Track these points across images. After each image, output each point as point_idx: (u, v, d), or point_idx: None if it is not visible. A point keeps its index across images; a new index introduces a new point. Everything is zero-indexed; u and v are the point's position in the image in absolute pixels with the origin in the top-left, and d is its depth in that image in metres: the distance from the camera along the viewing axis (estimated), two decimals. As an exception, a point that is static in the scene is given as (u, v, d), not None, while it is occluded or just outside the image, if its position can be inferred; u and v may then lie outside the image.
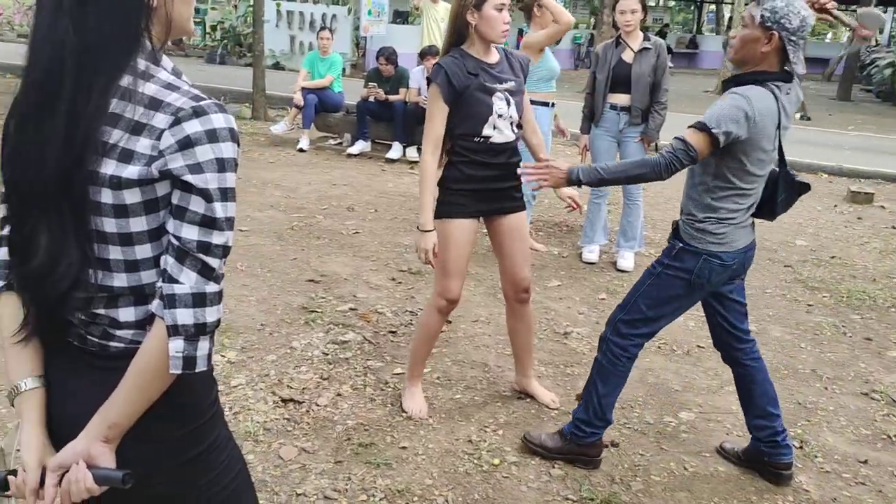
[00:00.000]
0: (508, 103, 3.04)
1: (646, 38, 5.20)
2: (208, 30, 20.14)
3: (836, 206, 7.90)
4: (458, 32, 3.02)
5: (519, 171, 2.95)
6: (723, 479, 2.95)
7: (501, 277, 3.34)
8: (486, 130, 3.01)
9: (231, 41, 18.79)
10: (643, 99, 5.15)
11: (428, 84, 3.02)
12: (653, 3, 32.36)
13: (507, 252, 3.24)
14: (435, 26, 11.29)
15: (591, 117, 5.44)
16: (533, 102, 5.30)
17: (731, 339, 2.95)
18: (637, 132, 5.24)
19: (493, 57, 3.07)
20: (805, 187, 2.80)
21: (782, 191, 2.72)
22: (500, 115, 3.02)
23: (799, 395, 3.67)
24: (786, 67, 2.59)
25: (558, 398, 3.46)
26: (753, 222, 2.78)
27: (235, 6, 19.49)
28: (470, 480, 2.83)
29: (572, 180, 2.67)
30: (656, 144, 5.44)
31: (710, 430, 3.30)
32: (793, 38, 2.53)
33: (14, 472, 1.26)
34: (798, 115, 14.97)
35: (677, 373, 3.84)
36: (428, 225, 3.02)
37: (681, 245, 2.72)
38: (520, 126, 3.17)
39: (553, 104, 5.42)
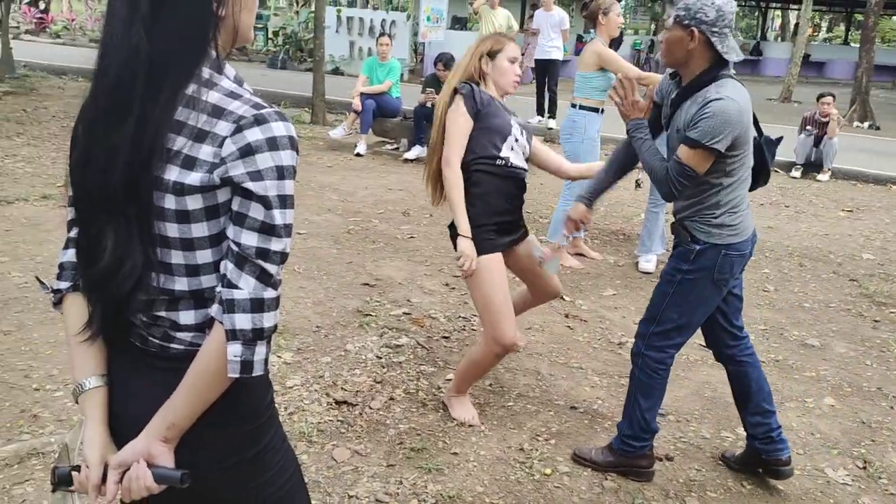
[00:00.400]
0: (521, 132, 3.12)
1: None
2: (270, 35, 20.54)
3: (905, 218, 7.63)
4: (470, 76, 3.12)
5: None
6: (782, 499, 2.87)
7: (536, 296, 3.40)
8: (506, 151, 3.03)
9: (292, 46, 19.12)
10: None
11: (453, 96, 3.05)
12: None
13: (536, 274, 3.27)
14: (493, 31, 11.28)
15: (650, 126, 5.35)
16: (583, 108, 5.28)
17: (726, 337, 2.92)
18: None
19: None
20: (778, 140, 2.91)
21: (769, 151, 2.81)
22: (516, 139, 3.08)
23: (863, 414, 3.55)
24: (724, 56, 2.59)
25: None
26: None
27: (297, 12, 19.84)
28: (521, 489, 2.81)
29: (632, 128, 2.81)
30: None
31: (769, 446, 3.22)
32: (714, 29, 2.55)
33: (77, 468, 1.29)
34: (866, 125, 14.53)
35: (735, 387, 3.75)
36: (469, 231, 2.99)
37: (698, 247, 2.71)
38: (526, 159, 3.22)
39: (603, 110, 5.34)
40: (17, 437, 2.88)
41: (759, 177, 2.84)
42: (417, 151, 8.85)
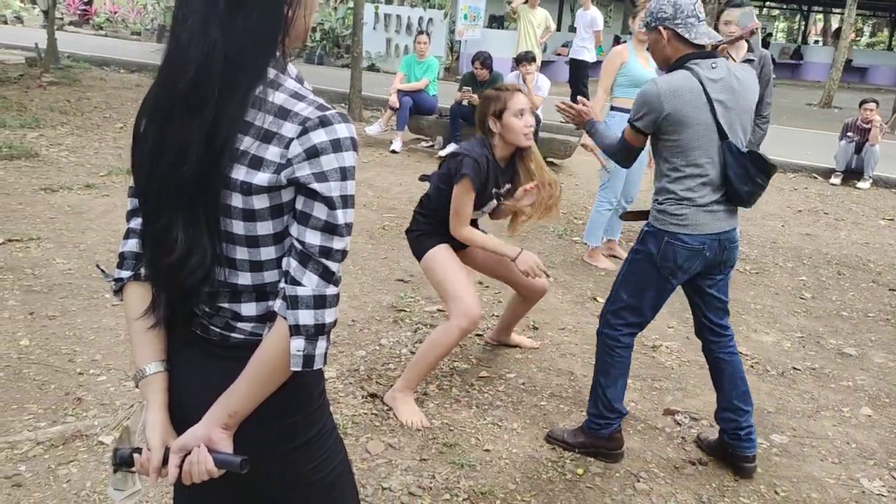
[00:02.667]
0: (497, 201, 3.37)
1: (749, 49, 5.06)
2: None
3: (948, 228, 7.49)
4: (484, 132, 3.29)
5: (556, 105, 3.20)
6: (816, 507, 2.85)
7: (525, 297, 3.68)
8: (475, 214, 3.34)
9: (329, 42, 19.25)
10: (745, 112, 5.01)
11: (459, 176, 3.15)
12: (756, 12, 31.37)
13: (513, 271, 3.46)
14: (532, 31, 11.28)
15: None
16: (613, 108, 5.27)
17: (707, 333, 3.01)
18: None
19: (507, 160, 3.35)
20: (757, 157, 2.74)
21: (731, 162, 2.72)
22: (484, 212, 3.41)
23: (901, 426, 3.51)
24: (695, 42, 2.72)
25: (536, 343, 3.99)
26: (732, 210, 2.83)
27: (335, 8, 19.94)
28: (553, 488, 2.83)
29: (587, 129, 3.08)
30: (771, 161, 5.28)
31: (803, 454, 3.19)
32: (676, 21, 2.72)
33: (139, 451, 1.34)
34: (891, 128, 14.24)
35: (770, 394, 3.72)
36: (513, 252, 3.23)
37: (646, 229, 2.84)
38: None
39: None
40: (62, 419, 2.96)
41: (728, 189, 2.76)
42: (452, 149, 8.86)
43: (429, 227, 3.39)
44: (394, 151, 8.98)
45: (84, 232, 5.03)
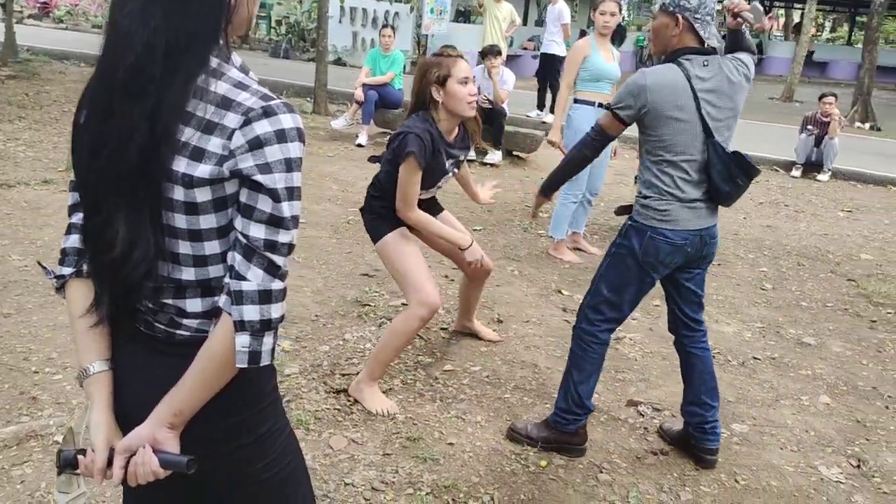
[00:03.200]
0: (451, 174, 3.36)
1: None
2: (273, 24, 20.48)
3: (904, 220, 7.65)
4: (423, 103, 3.13)
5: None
6: (775, 495, 2.89)
7: (468, 273, 3.71)
8: (425, 195, 3.30)
9: (295, 36, 19.07)
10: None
11: (404, 155, 3.03)
12: (718, 8, 31.71)
13: (459, 255, 3.48)
14: (497, 25, 11.28)
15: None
16: (577, 101, 5.29)
17: (682, 327, 3.03)
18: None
19: (453, 134, 3.25)
20: (741, 158, 2.73)
21: (715, 160, 2.71)
22: (439, 187, 3.37)
23: (858, 413, 3.57)
24: (706, 42, 2.71)
25: (499, 337, 4.02)
26: (713, 208, 2.83)
27: (301, 1, 19.76)
28: (516, 480, 2.83)
29: (542, 194, 3.16)
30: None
31: (763, 443, 3.24)
32: (697, 15, 2.68)
33: (83, 452, 1.30)
34: (867, 126, 14.53)
35: (731, 384, 3.77)
36: (465, 242, 3.33)
37: (630, 223, 2.84)
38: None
39: (599, 104, 5.27)
40: (17, 419, 2.89)
41: (710, 186, 2.76)
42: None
43: (383, 209, 3.28)
44: (360, 145, 8.93)
45: (41, 228, 4.92)
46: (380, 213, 3.31)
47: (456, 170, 3.39)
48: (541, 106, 11.64)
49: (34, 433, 2.80)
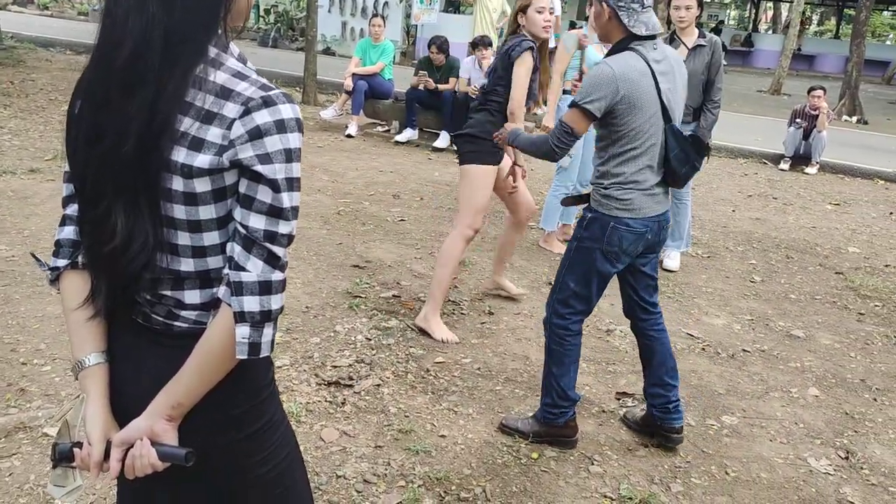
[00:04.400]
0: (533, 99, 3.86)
1: (701, 35, 5.12)
2: (262, 13, 20.34)
3: (891, 213, 7.70)
4: (514, 31, 3.82)
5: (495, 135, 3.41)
6: (765, 486, 2.90)
7: (516, 207, 4.24)
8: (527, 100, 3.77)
9: (284, 25, 18.97)
10: (695, 97, 5.06)
11: (520, 51, 3.63)
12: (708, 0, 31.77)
13: (517, 188, 4.14)
14: (487, 16, 11.26)
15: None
16: (567, 92, 5.31)
17: (639, 311, 3.06)
18: (688, 130, 5.15)
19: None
20: (697, 141, 2.81)
21: (673, 144, 2.76)
22: (531, 102, 3.83)
23: (846, 405, 3.60)
24: (631, 31, 2.70)
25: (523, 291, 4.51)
26: (667, 192, 2.88)
27: (289, -10, 19.64)
28: (508, 472, 2.83)
29: (510, 141, 3.14)
30: (707, 144, 5.35)
31: (753, 435, 3.26)
32: (621, 3, 2.69)
33: (79, 445, 1.29)
34: (855, 119, 14.61)
35: (721, 376, 3.79)
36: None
37: (590, 214, 2.84)
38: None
39: None
40: (5, 411, 2.87)
41: (666, 169, 2.81)
42: (409, 134, 8.82)
43: (486, 141, 3.65)
44: (349, 136, 8.90)
45: (28, 217, 4.87)
46: (485, 144, 3.71)
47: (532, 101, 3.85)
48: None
49: (23, 425, 2.78)
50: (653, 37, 2.72)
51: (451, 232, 3.92)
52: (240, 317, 1.17)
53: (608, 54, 2.78)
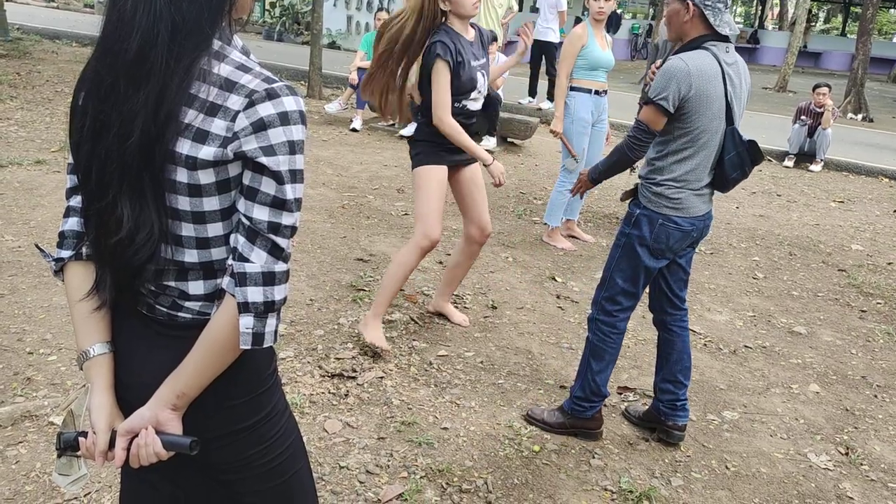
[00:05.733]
0: (484, 77, 3.53)
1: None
2: (267, 7, 20.35)
3: (895, 210, 7.69)
4: (435, 18, 3.35)
5: (569, 194, 3.27)
6: (765, 481, 2.92)
7: (469, 224, 3.79)
8: (465, 101, 3.48)
9: (289, 19, 18.95)
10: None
11: (432, 58, 3.30)
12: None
13: (473, 199, 3.74)
14: (493, 12, 11.24)
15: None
16: (573, 89, 5.31)
17: (667, 304, 3.06)
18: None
19: (470, 34, 3.48)
20: (755, 147, 2.79)
21: (730, 148, 2.76)
22: (479, 91, 3.52)
23: (847, 402, 3.61)
24: (717, 30, 2.69)
25: (466, 321, 4.05)
26: (713, 192, 2.88)
27: (295, -16, 19.63)
28: (510, 465, 2.86)
29: (592, 180, 3.02)
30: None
31: (753, 430, 3.27)
32: (707, 2, 2.67)
33: (84, 434, 1.30)
34: (860, 117, 14.58)
35: (723, 371, 3.80)
36: (489, 158, 3.52)
37: (638, 211, 2.84)
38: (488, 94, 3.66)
39: (595, 91, 5.33)
40: (11, 399, 2.90)
41: (715, 172, 2.81)
42: (413, 129, 8.81)
43: (429, 141, 3.51)
44: (354, 130, 8.91)
45: (34, 208, 4.90)
46: (426, 145, 3.54)
47: (485, 73, 3.54)
48: (532, 93, 11.61)
49: (29, 414, 2.80)
50: (727, 39, 2.71)
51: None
52: (243, 307, 1.19)
53: (679, 51, 2.74)
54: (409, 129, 8.88)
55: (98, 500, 2.42)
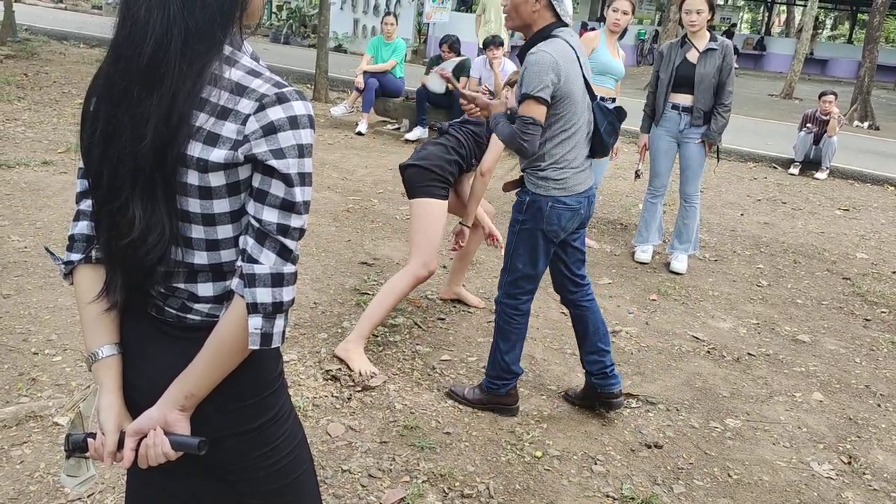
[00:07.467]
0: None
1: (712, 39, 5.12)
2: (274, 9, 20.41)
3: (900, 220, 7.68)
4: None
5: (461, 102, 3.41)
6: (767, 489, 2.92)
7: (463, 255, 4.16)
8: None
9: (296, 22, 19.02)
10: (706, 100, 5.07)
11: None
12: (721, 2, 31.67)
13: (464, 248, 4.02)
14: (503, 17, 11.28)
15: (651, 116, 5.39)
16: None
17: (568, 284, 3.23)
18: (698, 133, 5.17)
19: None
20: (619, 109, 3.03)
21: (602, 119, 2.96)
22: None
23: (850, 411, 3.60)
24: (563, 18, 2.87)
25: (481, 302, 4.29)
26: (590, 166, 3.07)
27: (302, -13, 19.69)
28: (512, 470, 2.86)
29: (491, 124, 3.09)
30: (717, 148, 5.36)
31: (756, 438, 3.27)
32: None
33: (92, 435, 1.31)
34: (866, 125, 14.56)
35: (726, 379, 3.80)
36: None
37: (528, 198, 2.96)
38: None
39: (602, 98, 5.33)
40: (16, 399, 2.91)
41: (594, 142, 3.00)
42: (419, 133, 8.84)
43: (440, 178, 3.68)
44: (360, 133, 8.93)
45: (41, 209, 4.93)
46: (437, 179, 3.67)
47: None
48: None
49: (34, 414, 2.82)
50: (566, 24, 2.90)
51: (405, 267, 3.61)
52: (252, 308, 1.20)
53: (532, 43, 2.87)
54: (415, 134, 8.93)
55: (101, 502, 2.43)
